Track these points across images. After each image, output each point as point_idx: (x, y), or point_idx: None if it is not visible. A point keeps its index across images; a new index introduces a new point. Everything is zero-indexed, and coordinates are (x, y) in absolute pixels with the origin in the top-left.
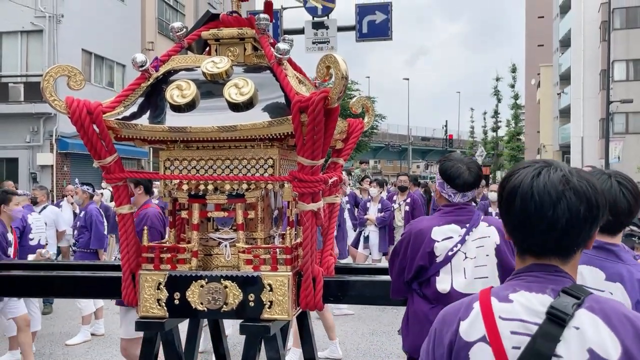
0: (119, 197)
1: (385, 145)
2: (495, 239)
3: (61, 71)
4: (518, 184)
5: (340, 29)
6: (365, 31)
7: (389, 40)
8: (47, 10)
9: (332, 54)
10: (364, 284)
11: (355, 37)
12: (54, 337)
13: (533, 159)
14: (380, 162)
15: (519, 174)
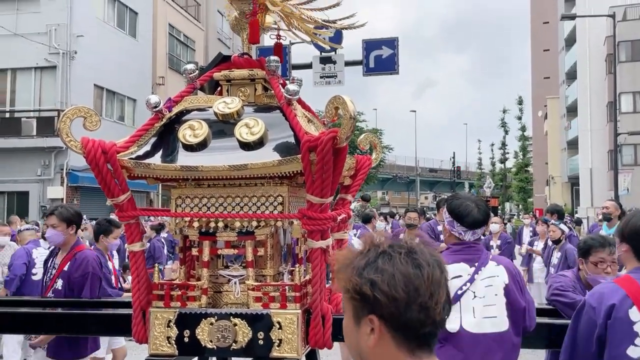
0: (130, 235)
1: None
2: (504, 278)
3: (78, 112)
4: None
5: (347, 63)
6: (372, 66)
7: (395, 74)
8: (61, 47)
9: (341, 95)
10: None
11: (362, 72)
12: None
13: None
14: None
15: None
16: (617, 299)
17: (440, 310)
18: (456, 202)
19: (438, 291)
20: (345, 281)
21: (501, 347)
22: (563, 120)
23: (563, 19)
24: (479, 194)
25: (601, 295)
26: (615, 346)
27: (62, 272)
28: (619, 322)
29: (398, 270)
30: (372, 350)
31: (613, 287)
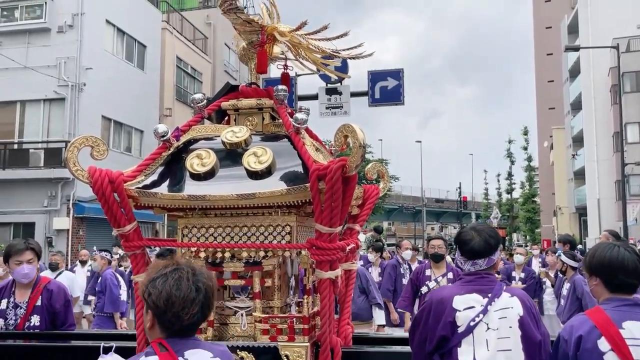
0: (136, 265)
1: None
2: (518, 310)
3: (85, 142)
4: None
5: (353, 94)
6: (377, 96)
7: (400, 105)
8: (70, 80)
9: (350, 123)
10: (383, 356)
11: (368, 102)
12: None
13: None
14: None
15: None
16: (584, 330)
17: (189, 317)
18: (461, 230)
19: (190, 306)
20: (141, 285)
21: None
22: (569, 151)
23: (567, 50)
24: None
25: (571, 327)
26: None
27: (34, 308)
28: (588, 353)
29: (164, 289)
30: (149, 331)
31: (582, 318)
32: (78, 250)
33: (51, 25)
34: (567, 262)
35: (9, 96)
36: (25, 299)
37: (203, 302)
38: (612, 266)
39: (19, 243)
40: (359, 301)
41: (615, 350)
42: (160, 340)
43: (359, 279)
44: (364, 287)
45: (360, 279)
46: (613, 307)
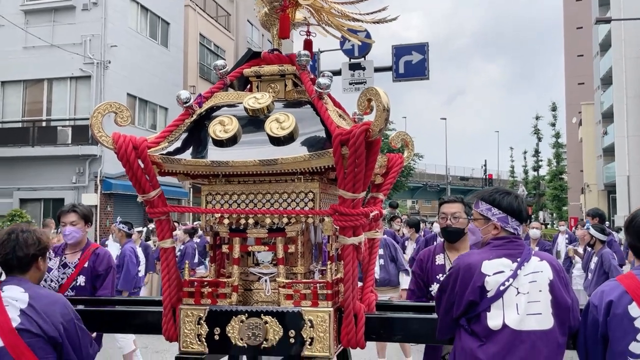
0: (161, 231)
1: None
2: (548, 274)
3: (109, 108)
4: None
5: (377, 69)
6: (401, 71)
7: (425, 80)
8: (95, 57)
9: (374, 86)
10: (408, 322)
11: (392, 78)
12: None
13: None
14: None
15: None
16: (615, 295)
17: (1, 257)
18: (508, 197)
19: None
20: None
21: (546, 345)
22: (598, 127)
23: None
24: None
25: (602, 293)
26: (617, 343)
27: (82, 269)
28: (618, 319)
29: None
30: None
31: (614, 284)
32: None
33: (76, 3)
34: (595, 235)
35: (36, 74)
36: (74, 260)
37: (14, 246)
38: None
39: (67, 206)
40: (390, 268)
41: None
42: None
43: (388, 248)
44: (392, 255)
45: (389, 247)
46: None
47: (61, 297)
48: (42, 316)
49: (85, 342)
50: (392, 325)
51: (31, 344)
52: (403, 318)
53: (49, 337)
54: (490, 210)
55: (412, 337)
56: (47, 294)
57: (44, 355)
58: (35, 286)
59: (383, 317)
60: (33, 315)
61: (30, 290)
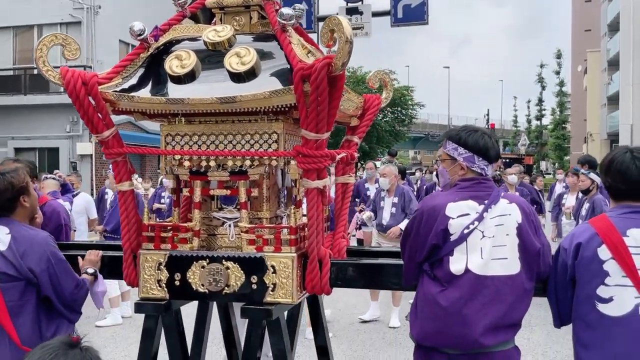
0: (118, 174)
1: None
2: (516, 217)
3: (55, 40)
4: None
5: (374, 14)
6: (400, 16)
7: (424, 25)
8: (85, 2)
9: (336, 15)
10: (374, 267)
11: (390, 22)
12: (84, 320)
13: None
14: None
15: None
16: (584, 237)
17: None
18: (475, 135)
19: None
20: None
21: (512, 291)
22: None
23: None
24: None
25: (572, 235)
26: (584, 286)
27: None
28: (587, 261)
29: None
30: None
31: (584, 226)
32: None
33: None
34: (595, 179)
35: (26, 20)
36: None
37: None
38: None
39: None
40: (400, 217)
41: (616, 259)
42: None
43: (403, 197)
44: (404, 206)
45: (404, 197)
46: (619, 214)
47: (42, 237)
48: (18, 257)
49: (68, 282)
50: (357, 271)
51: (6, 288)
52: (368, 264)
53: (25, 277)
54: (456, 150)
55: (377, 283)
56: (28, 234)
57: (20, 298)
58: (20, 226)
59: (347, 262)
60: (10, 256)
61: (13, 231)
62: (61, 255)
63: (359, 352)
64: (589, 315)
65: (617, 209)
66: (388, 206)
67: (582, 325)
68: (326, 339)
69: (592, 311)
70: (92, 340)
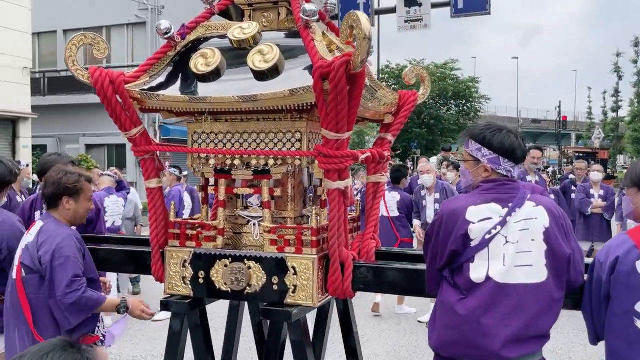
0: (147, 171)
1: None
2: (544, 221)
3: (84, 40)
4: None
5: (434, 5)
6: (461, 6)
7: (487, 15)
8: (149, 3)
9: (355, 11)
10: (399, 272)
11: (450, 14)
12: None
13: None
14: None
15: None
16: (622, 250)
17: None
18: (500, 135)
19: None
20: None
21: (537, 301)
22: None
23: None
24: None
25: (609, 248)
26: (621, 301)
27: None
28: (624, 276)
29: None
30: None
31: (623, 238)
32: None
33: None
34: None
35: (94, 23)
36: None
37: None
38: None
39: (53, 156)
40: None
41: None
42: None
43: (445, 193)
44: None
45: (446, 192)
46: None
47: (62, 233)
48: (36, 249)
49: (60, 280)
50: (380, 275)
51: (27, 279)
52: (392, 268)
53: (38, 270)
54: (480, 151)
55: (401, 289)
56: (53, 228)
57: (37, 291)
58: (53, 221)
59: (370, 266)
60: (31, 248)
61: (44, 224)
62: (68, 253)
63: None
64: (627, 331)
65: None
66: (431, 204)
67: (619, 341)
68: (356, 341)
69: (630, 327)
70: (144, 332)
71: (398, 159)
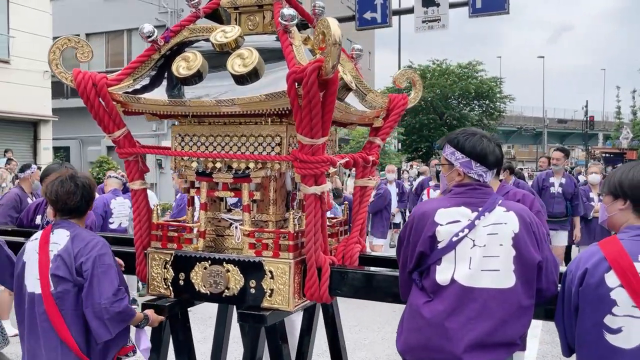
0: (130, 173)
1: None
2: (513, 226)
3: (68, 43)
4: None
5: (451, 5)
6: (479, 6)
7: (505, 14)
8: (169, 6)
9: (327, 17)
10: (374, 278)
11: (468, 13)
12: None
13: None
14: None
15: None
16: (592, 262)
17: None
18: (472, 139)
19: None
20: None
21: (503, 306)
22: None
23: None
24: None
25: (579, 259)
26: (590, 314)
27: None
28: (592, 289)
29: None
30: None
31: (593, 249)
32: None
33: None
34: None
35: (116, 26)
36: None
37: (82, 193)
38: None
39: (55, 165)
40: None
41: (625, 286)
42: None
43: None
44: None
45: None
46: (632, 236)
47: (98, 240)
48: (72, 257)
49: (105, 287)
50: (356, 280)
51: (59, 291)
52: (367, 273)
53: (73, 280)
54: (454, 155)
55: (377, 294)
56: (86, 236)
57: (71, 304)
58: (79, 229)
59: (345, 271)
60: (65, 256)
61: (73, 233)
62: (109, 261)
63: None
64: (597, 345)
65: (630, 229)
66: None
67: (590, 355)
68: (341, 347)
69: (600, 340)
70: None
71: (420, 160)
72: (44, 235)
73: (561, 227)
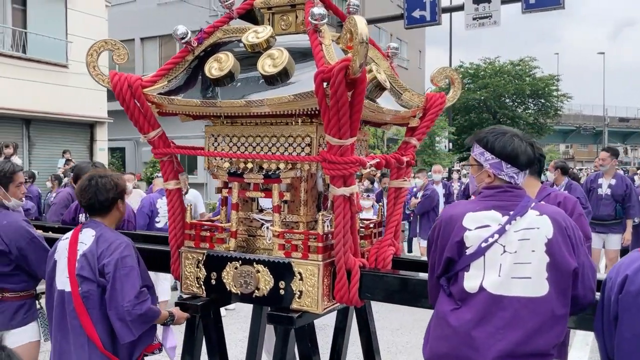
0: (165, 172)
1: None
2: (546, 231)
3: (105, 45)
4: None
5: (504, 1)
6: (532, 1)
7: (560, 9)
8: (219, 10)
9: (354, 16)
10: (406, 282)
11: (521, 9)
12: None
13: None
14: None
15: None
16: (632, 268)
17: (84, 201)
18: (502, 138)
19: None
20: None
21: (533, 315)
22: None
23: None
24: None
25: (620, 265)
26: (629, 325)
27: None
28: (632, 297)
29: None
30: None
31: (635, 255)
32: None
33: None
34: None
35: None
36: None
37: (95, 191)
38: None
39: (84, 164)
40: None
41: None
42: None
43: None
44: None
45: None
46: None
47: (121, 241)
48: (95, 257)
49: (127, 290)
50: (387, 284)
51: (84, 290)
52: (398, 277)
53: (97, 280)
54: (483, 155)
55: (409, 299)
56: (111, 237)
57: (96, 304)
58: (105, 229)
59: (376, 274)
60: (89, 256)
61: (98, 233)
62: (131, 263)
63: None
64: (636, 357)
65: None
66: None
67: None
68: (374, 349)
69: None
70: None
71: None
72: (74, 234)
73: (611, 231)
